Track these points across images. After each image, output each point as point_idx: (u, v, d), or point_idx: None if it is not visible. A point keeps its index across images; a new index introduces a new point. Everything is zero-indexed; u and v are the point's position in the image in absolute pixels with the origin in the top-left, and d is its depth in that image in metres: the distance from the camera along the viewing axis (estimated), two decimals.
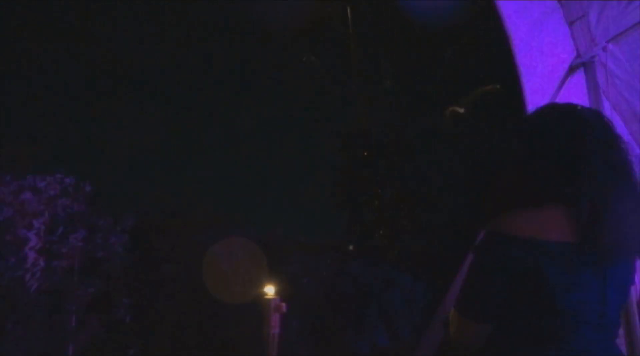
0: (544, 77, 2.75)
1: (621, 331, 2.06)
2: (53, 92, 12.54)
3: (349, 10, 12.92)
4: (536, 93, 2.68)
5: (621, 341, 2.12)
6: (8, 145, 7.47)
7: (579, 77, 2.74)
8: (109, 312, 6.74)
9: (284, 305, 5.91)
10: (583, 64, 2.71)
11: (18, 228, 5.99)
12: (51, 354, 6.22)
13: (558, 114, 1.38)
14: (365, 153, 12.75)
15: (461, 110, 11.48)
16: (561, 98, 2.65)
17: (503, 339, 1.31)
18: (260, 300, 6.12)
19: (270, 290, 6.09)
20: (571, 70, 2.76)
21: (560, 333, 1.25)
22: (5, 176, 6.28)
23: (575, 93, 2.68)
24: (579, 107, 1.41)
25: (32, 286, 5.95)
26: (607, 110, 2.57)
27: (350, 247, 12.64)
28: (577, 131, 1.32)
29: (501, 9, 2.44)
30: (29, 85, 12.17)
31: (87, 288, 6.50)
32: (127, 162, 12.53)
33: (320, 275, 10.25)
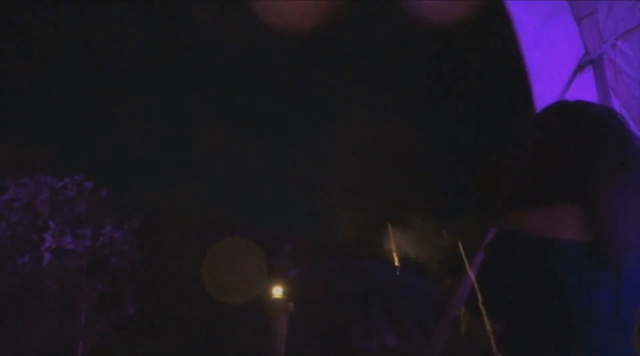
0: (552, 75, 2.74)
1: None
2: (54, 92, 12.63)
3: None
4: (544, 92, 2.66)
5: None
6: (19, 146, 7.52)
7: (588, 74, 2.73)
8: (117, 312, 6.76)
9: (291, 305, 5.90)
10: (592, 62, 2.70)
11: (31, 229, 6.03)
12: (61, 353, 6.25)
13: (572, 111, 1.37)
14: (372, 155, 12.73)
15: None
16: (570, 96, 2.63)
17: (514, 338, 1.30)
18: (268, 300, 6.12)
19: (278, 290, 6.09)
20: (580, 68, 2.75)
21: (572, 332, 1.24)
22: (24, 177, 6.30)
23: (584, 91, 2.66)
24: (592, 104, 1.40)
25: (42, 281, 5.98)
26: (617, 108, 2.55)
27: (357, 247, 12.64)
28: (591, 128, 1.30)
29: (509, 7, 2.43)
30: (29, 85, 12.27)
31: (95, 286, 6.53)
32: (134, 162, 12.59)
33: (327, 274, 10.24)
